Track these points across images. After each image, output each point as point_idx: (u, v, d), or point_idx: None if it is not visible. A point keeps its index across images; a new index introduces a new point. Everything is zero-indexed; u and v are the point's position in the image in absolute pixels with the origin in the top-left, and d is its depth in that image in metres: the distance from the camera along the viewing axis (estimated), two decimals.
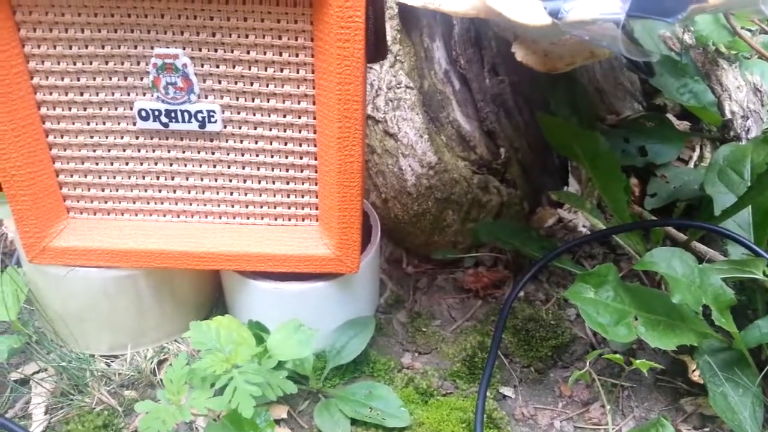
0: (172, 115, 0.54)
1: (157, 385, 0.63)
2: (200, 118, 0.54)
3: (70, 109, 0.54)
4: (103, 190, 0.59)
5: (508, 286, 0.72)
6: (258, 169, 0.58)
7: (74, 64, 0.52)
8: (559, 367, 0.65)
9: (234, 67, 0.53)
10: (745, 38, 0.80)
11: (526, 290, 0.71)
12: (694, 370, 0.58)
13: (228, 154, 0.57)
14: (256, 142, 0.56)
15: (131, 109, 0.54)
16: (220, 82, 0.53)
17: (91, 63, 0.52)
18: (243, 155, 0.57)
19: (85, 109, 0.54)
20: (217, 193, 0.59)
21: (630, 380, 0.62)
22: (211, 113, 0.54)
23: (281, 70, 0.53)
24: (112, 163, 0.57)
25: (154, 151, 0.57)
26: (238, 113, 0.55)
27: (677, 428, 0.58)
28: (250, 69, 0.53)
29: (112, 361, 0.65)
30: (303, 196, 0.59)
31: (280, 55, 0.52)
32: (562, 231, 0.77)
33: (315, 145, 0.56)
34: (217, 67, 0.53)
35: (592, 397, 0.62)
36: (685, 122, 0.84)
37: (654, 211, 0.75)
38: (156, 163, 0.57)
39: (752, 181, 0.66)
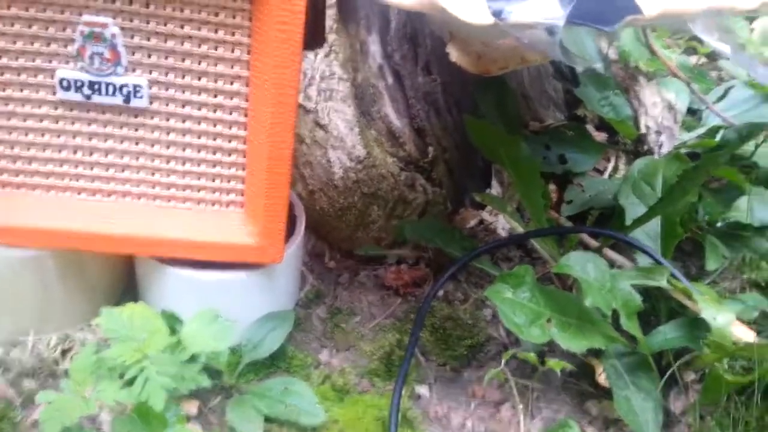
0: (96, 87, 0.51)
1: (60, 376, 0.60)
2: (125, 93, 0.52)
3: None
4: (14, 163, 0.55)
5: (429, 285, 0.73)
6: (183, 150, 0.56)
7: None
8: (473, 366, 0.66)
9: (166, 41, 0.50)
10: (661, 58, 0.84)
11: (446, 289, 0.72)
12: (600, 374, 0.61)
13: (152, 133, 0.55)
14: (183, 122, 0.54)
15: (52, 77, 0.51)
16: (149, 56, 0.51)
17: (12, 25, 0.49)
18: (168, 134, 0.55)
19: (1, 74, 0.51)
20: (138, 172, 0.56)
21: (540, 381, 0.64)
22: (138, 88, 0.52)
23: (216, 48, 0.51)
24: (26, 134, 0.54)
25: (73, 123, 0.54)
26: (166, 90, 0.53)
27: (583, 430, 0.60)
28: (182, 44, 0.51)
29: (11, 349, 0.60)
30: (229, 181, 0.58)
31: (216, 32, 0.50)
32: (483, 232, 0.78)
33: (245, 129, 0.55)
34: (148, 39, 0.50)
35: (503, 398, 0.63)
36: (602, 134, 0.88)
37: (570, 218, 0.78)
38: (74, 137, 0.54)
39: (663, 194, 0.69)
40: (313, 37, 0.56)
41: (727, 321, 0.57)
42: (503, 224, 0.78)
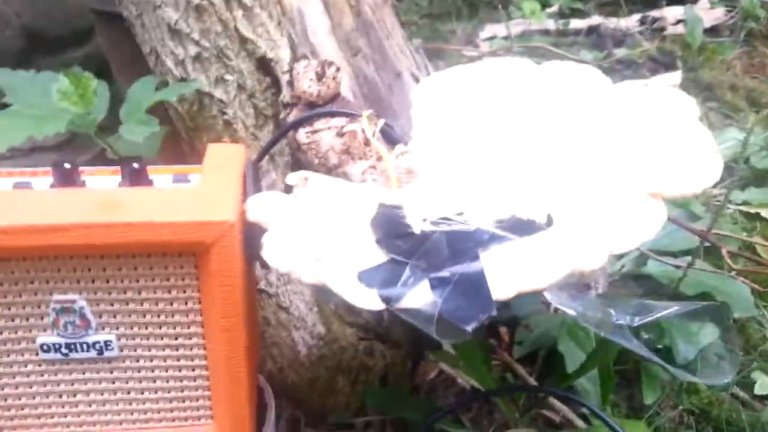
0: (72, 347, 0.60)
1: None
2: (98, 348, 0.60)
3: None
4: (9, 410, 0.63)
5: None
6: (154, 381, 0.63)
7: None
8: None
9: (128, 304, 0.59)
10: None
11: None
12: None
13: (125, 373, 0.62)
14: (151, 361, 0.62)
15: (34, 342, 0.59)
16: (115, 317, 0.59)
17: None
18: (139, 372, 0.63)
19: None
20: (117, 404, 0.64)
21: None
22: (108, 343, 0.60)
23: (171, 304, 0.59)
24: (17, 387, 0.62)
25: (56, 375, 0.62)
26: (133, 340, 0.61)
27: None
28: (142, 305, 0.59)
29: None
30: (197, 400, 0.65)
31: (170, 292, 0.59)
32: (444, 383, 0.85)
33: (205, 359, 0.63)
34: (112, 305, 0.59)
35: None
36: None
37: (520, 359, 0.85)
38: (58, 385, 0.62)
39: (596, 341, 0.77)
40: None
41: None
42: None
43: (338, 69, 0.74)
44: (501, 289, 0.44)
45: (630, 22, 1.81)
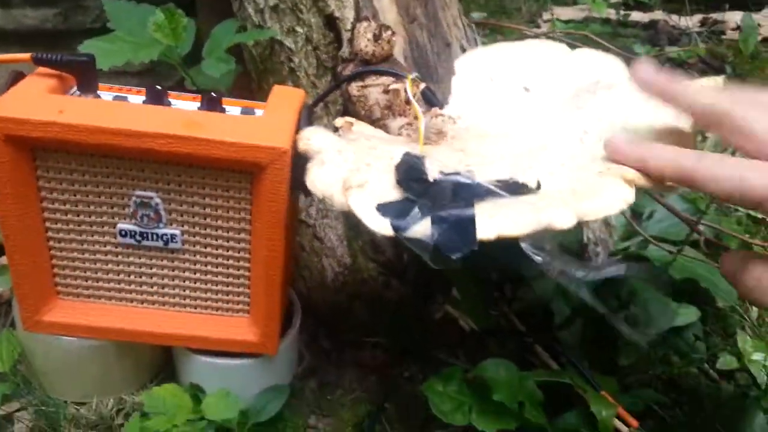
0: (144, 235, 0.73)
1: (114, 429, 0.82)
2: (165, 239, 0.74)
3: (67, 225, 0.73)
4: (87, 281, 0.77)
5: (400, 366, 0.93)
6: (206, 275, 0.77)
7: (74, 195, 0.71)
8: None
9: (193, 206, 0.72)
10: None
11: (411, 372, 0.91)
12: None
13: (184, 263, 0.76)
14: (206, 257, 0.76)
15: (114, 227, 0.74)
16: (182, 216, 0.73)
17: (87, 196, 0.71)
18: (195, 265, 0.76)
19: (79, 226, 0.73)
20: (174, 289, 0.78)
21: None
22: (174, 236, 0.74)
23: (227, 212, 0.72)
24: (95, 263, 0.76)
25: (129, 257, 0.76)
26: (194, 237, 0.74)
27: None
28: (204, 209, 0.72)
29: (80, 408, 0.83)
30: (238, 296, 0.79)
31: (228, 201, 0.72)
32: (448, 324, 0.97)
33: (249, 261, 0.76)
34: (181, 205, 0.72)
35: None
36: None
37: (520, 314, 0.96)
38: (129, 266, 0.77)
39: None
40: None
41: (609, 415, 0.75)
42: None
43: (393, 33, 0.85)
44: (485, 231, 0.55)
45: (691, 21, 1.85)
